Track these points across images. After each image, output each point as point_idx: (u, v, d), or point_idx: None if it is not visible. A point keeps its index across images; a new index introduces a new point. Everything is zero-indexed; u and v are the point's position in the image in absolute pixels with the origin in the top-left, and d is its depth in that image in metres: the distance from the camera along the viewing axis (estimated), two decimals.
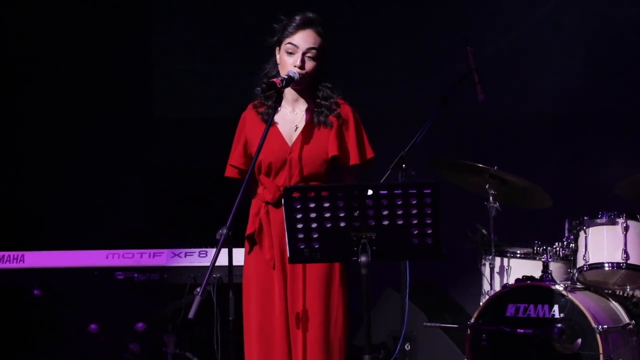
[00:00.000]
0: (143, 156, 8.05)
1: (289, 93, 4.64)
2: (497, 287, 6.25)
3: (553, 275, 6.14)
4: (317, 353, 4.51)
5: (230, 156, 4.68)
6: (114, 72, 8.03)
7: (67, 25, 8.01)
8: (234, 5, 8.06)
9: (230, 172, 4.68)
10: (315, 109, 4.60)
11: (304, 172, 4.56)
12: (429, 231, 4.17)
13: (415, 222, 4.15)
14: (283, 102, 4.65)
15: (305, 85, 4.61)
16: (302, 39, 4.57)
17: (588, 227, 6.15)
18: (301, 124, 4.62)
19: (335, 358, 4.54)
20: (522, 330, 5.91)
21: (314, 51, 4.57)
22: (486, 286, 6.33)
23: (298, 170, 4.56)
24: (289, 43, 4.58)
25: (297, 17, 4.59)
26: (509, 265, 6.35)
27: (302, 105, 4.65)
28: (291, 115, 4.64)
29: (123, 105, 8.05)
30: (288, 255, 4.26)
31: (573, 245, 6.22)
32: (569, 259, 6.26)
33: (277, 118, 4.64)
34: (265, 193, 4.58)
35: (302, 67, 4.56)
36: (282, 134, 4.61)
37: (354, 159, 4.60)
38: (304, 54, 4.57)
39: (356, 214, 4.15)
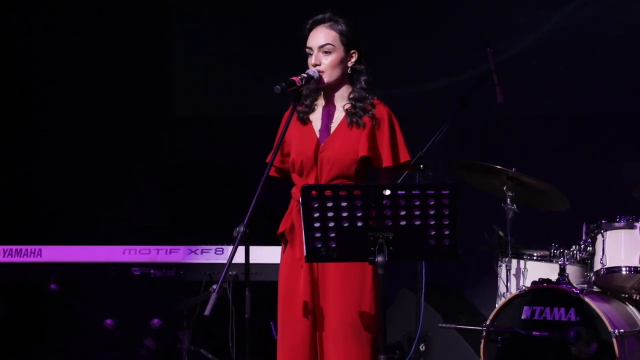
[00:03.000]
0: (161, 153, 8.07)
1: (324, 93, 4.66)
2: (513, 289, 6.24)
3: (570, 278, 6.13)
4: (346, 354, 4.48)
5: (270, 154, 4.68)
6: (133, 70, 8.05)
7: (88, 22, 8.04)
8: (254, 3, 8.06)
9: (270, 170, 4.67)
10: (350, 110, 4.61)
11: (333, 172, 4.55)
12: (447, 232, 4.15)
13: (432, 223, 4.14)
14: (320, 102, 4.67)
15: (333, 83, 4.61)
16: (313, 39, 4.63)
17: (606, 230, 6.13)
18: (335, 124, 4.63)
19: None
20: (537, 333, 5.90)
21: (328, 46, 4.59)
22: (502, 288, 6.32)
23: (327, 169, 4.56)
24: (306, 47, 4.64)
25: (309, 20, 4.65)
26: (525, 268, 6.34)
27: (338, 105, 4.65)
28: (326, 115, 4.65)
29: (142, 102, 8.08)
30: (305, 254, 4.25)
31: (590, 248, 6.21)
32: (586, 262, 6.24)
33: (312, 117, 4.66)
34: (297, 192, 4.58)
35: (318, 64, 4.58)
36: (316, 134, 4.62)
37: (386, 161, 4.58)
38: (318, 51, 4.60)
39: (373, 214, 4.15)
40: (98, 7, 8.03)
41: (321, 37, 4.61)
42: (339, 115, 4.64)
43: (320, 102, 4.68)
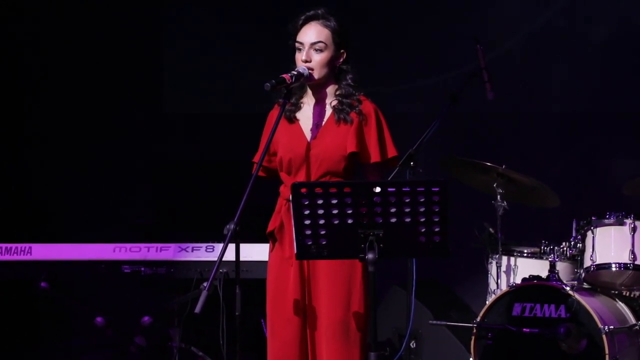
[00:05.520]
0: (152, 151, 8.05)
1: (311, 91, 4.64)
2: (504, 286, 6.24)
3: (560, 275, 6.14)
4: (336, 352, 4.48)
5: (256, 154, 4.67)
6: (124, 68, 8.04)
7: (78, 22, 8.02)
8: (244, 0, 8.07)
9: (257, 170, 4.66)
10: (337, 106, 4.60)
11: (322, 169, 4.55)
12: (437, 229, 4.16)
13: (423, 220, 4.15)
14: (306, 100, 4.66)
15: (321, 80, 4.60)
16: (306, 34, 4.60)
17: (596, 227, 6.14)
18: (323, 121, 4.62)
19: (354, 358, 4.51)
20: (528, 330, 5.91)
21: (320, 44, 4.58)
22: (493, 285, 6.33)
23: (316, 167, 4.55)
24: (296, 41, 4.62)
25: (302, 15, 4.63)
26: (515, 265, 6.35)
27: (325, 103, 4.64)
28: (313, 113, 4.64)
29: (133, 100, 8.06)
30: (295, 251, 4.25)
31: (580, 245, 6.22)
32: (576, 259, 6.25)
33: (299, 115, 4.65)
34: (286, 191, 4.57)
35: (308, 61, 4.57)
36: (303, 131, 4.62)
37: (374, 156, 4.57)
38: (309, 48, 4.58)
39: (364, 211, 4.15)
40: (89, 6, 8.01)
41: (314, 34, 4.59)
42: (326, 112, 4.63)
43: (306, 100, 4.67)
